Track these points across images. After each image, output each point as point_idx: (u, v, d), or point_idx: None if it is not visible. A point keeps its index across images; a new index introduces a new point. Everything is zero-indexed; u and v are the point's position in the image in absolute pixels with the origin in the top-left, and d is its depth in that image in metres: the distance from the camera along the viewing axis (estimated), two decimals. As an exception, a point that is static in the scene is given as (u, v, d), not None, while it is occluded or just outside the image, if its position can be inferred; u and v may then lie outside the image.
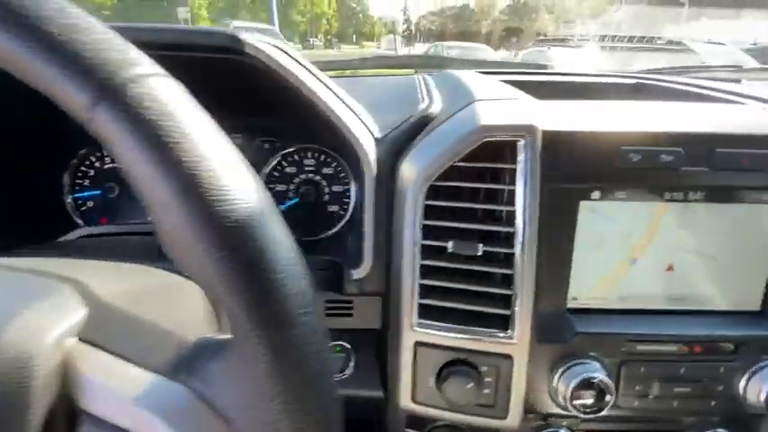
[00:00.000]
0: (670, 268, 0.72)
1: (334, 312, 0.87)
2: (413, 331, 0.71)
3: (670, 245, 0.71)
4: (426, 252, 0.70)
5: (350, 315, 0.86)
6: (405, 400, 0.74)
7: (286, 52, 0.75)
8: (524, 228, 0.66)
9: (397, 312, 0.73)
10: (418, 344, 0.71)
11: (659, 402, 0.71)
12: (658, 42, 2.48)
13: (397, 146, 0.79)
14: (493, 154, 0.68)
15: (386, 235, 0.79)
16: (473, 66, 1.47)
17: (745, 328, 0.71)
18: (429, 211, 0.70)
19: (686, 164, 0.67)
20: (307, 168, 1.01)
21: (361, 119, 0.78)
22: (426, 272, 0.71)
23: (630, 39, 2.74)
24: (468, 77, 1.05)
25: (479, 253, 0.67)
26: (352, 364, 0.86)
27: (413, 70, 1.51)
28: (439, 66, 1.52)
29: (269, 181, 1.02)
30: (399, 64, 1.76)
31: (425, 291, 0.71)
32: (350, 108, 0.77)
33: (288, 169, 1.03)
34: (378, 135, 0.79)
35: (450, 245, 0.68)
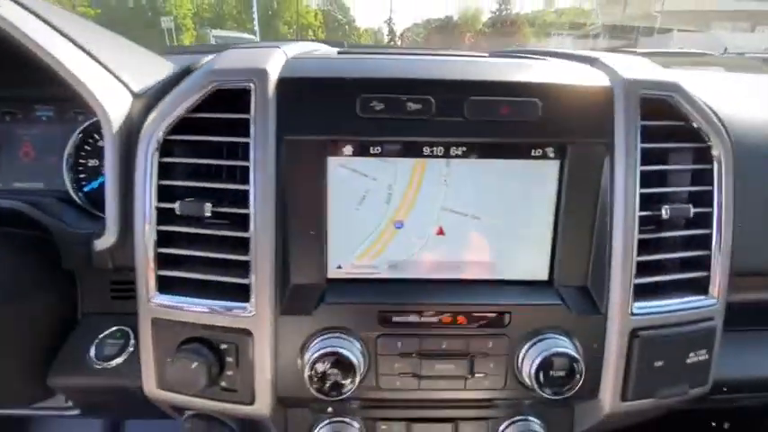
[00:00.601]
0: (440, 232, 0.65)
1: (118, 295, 0.79)
2: (150, 306, 0.63)
3: (436, 206, 0.65)
4: (162, 216, 0.63)
5: (132, 297, 0.78)
6: (148, 386, 0.65)
7: (27, 8, 0.68)
8: (256, 185, 0.59)
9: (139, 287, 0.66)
10: (156, 321, 0.63)
11: (426, 383, 0.63)
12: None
13: (156, 100, 0.71)
14: (227, 104, 0.61)
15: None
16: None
17: (523, 296, 0.64)
18: (165, 171, 0.63)
19: (440, 114, 0.60)
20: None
21: (115, 73, 0.71)
22: (163, 239, 0.63)
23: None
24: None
25: (207, 214, 0.60)
26: (130, 350, 0.77)
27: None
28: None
29: (81, 156, 0.94)
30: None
31: (164, 261, 0.63)
32: (99, 62, 0.70)
33: (100, 143, 0.95)
34: (138, 89, 0.72)
35: (177, 206, 0.61)
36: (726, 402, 0.88)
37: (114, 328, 0.75)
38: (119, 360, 0.72)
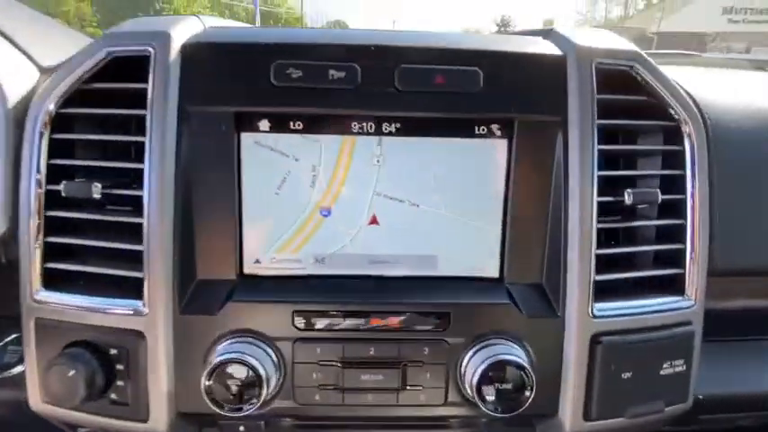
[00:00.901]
0: (374, 221, 0.57)
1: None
2: (33, 304, 0.54)
3: (368, 191, 0.56)
4: (50, 201, 0.55)
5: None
6: (33, 399, 0.56)
7: None
8: (151, 162, 0.51)
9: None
10: (40, 321, 0.54)
11: (351, 397, 0.54)
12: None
13: None
14: (126, 73, 0.54)
15: None
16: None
17: (465, 295, 0.56)
18: (60, 149, 0.55)
19: (367, 84, 0.53)
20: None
21: (21, 47, 0.64)
22: (51, 226, 0.55)
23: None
24: None
25: (96, 196, 0.52)
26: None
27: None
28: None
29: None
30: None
31: (52, 252, 0.55)
32: (4, 35, 0.63)
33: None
34: (50, 63, 0.65)
35: (62, 187, 0.53)
36: (716, 423, 0.78)
37: (17, 335, 0.66)
38: (20, 368, 0.63)
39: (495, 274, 0.58)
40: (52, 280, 0.55)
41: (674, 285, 0.60)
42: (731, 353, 0.77)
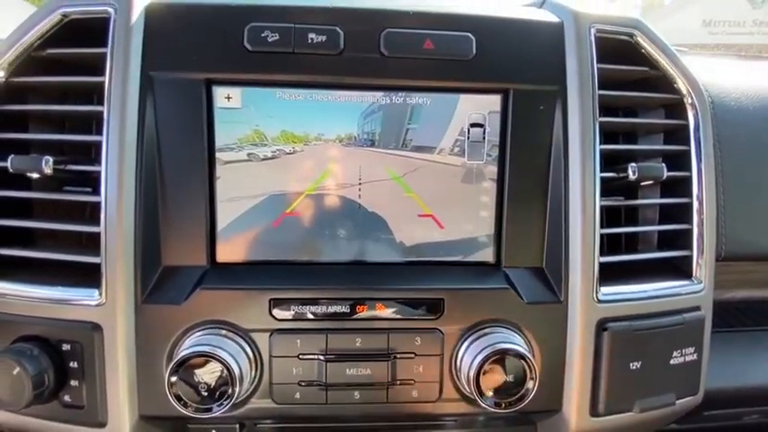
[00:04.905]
0: (359, 199, 0.53)
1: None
2: (-24, 296, 0.49)
3: (354, 167, 0.52)
4: None
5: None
6: (-25, 404, 0.50)
7: None
8: (110, 134, 0.46)
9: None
10: (-18, 315, 0.49)
11: (335, 394, 0.49)
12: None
13: None
14: (83, 37, 0.49)
15: None
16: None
17: (460, 279, 0.51)
18: (8, 121, 0.50)
19: (350, 49, 0.49)
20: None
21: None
22: (1, 208, 0.49)
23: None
24: None
25: (48, 171, 0.46)
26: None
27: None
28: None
29: None
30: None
31: (1, 236, 0.49)
32: None
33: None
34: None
35: (9, 162, 0.47)
36: (719, 420, 0.74)
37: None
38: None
39: (490, 258, 0.53)
40: (2, 268, 0.49)
41: (680, 269, 0.56)
42: (735, 344, 0.74)
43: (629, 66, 0.54)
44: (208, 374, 0.44)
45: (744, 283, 0.73)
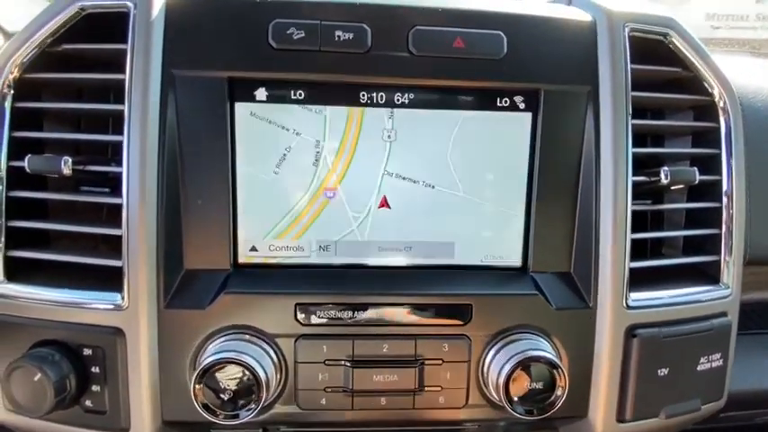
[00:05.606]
0: (384, 204, 0.51)
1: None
2: (-8, 299, 0.48)
3: (378, 170, 0.50)
4: (13, 179, 0.48)
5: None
6: (-6, 409, 0.50)
7: None
8: (131, 135, 0.44)
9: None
10: (1, 318, 0.47)
11: (361, 401, 0.48)
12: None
13: None
14: (101, 33, 0.47)
15: None
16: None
17: (488, 285, 0.50)
18: (26, 119, 0.48)
19: (378, 47, 0.47)
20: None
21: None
22: (15, 209, 0.48)
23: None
24: None
25: (67, 172, 0.45)
26: None
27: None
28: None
29: None
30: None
31: (15, 238, 0.48)
32: None
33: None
34: (13, 30, 0.58)
35: (26, 162, 0.46)
36: (732, 421, 0.74)
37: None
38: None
39: (517, 262, 0.52)
40: (17, 271, 0.48)
41: (706, 274, 0.55)
42: (753, 347, 0.74)
43: (660, 66, 0.52)
44: (233, 381, 0.43)
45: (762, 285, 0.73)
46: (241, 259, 0.50)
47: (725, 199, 0.53)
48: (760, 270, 0.69)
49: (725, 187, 0.53)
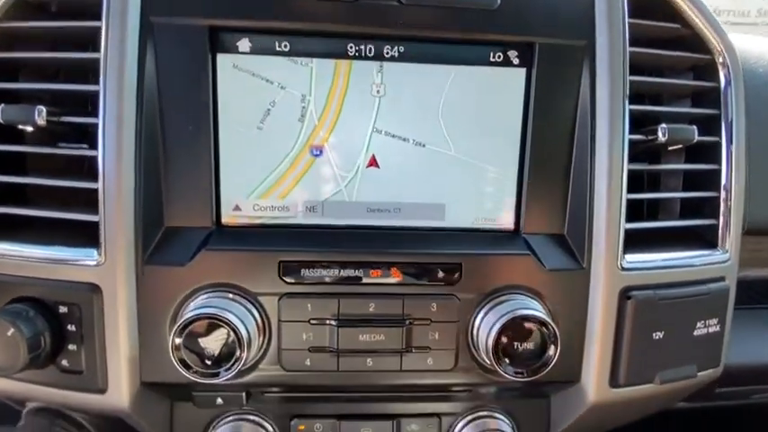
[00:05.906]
0: (373, 163, 0.50)
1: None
2: (-34, 256, 0.46)
3: (366, 126, 0.48)
4: None
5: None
6: (-31, 370, 0.48)
7: None
8: (107, 84, 0.43)
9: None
10: (-26, 276, 0.46)
11: (347, 361, 0.47)
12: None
13: None
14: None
15: None
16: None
17: (479, 245, 0.49)
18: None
19: (365, -5, 0.46)
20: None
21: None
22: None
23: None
24: None
25: (41, 122, 0.43)
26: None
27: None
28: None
29: None
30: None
31: None
32: None
33: None
34: None
35: (-1, 111, 0.44)
36: (729, 398, 0.73)
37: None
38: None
39: (510, 225, 0.51)
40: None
41: (703, 238, 0.54)
42: (752, 321, 0.72)
43: (659, 22, 0.51)
44: (214, 338, 0.42)
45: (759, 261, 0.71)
46: (224, 219, 0.48)
47: (724, 161, 0.52)
48: (761, 247, 0.68)
49: (724, 148, 0.51)
